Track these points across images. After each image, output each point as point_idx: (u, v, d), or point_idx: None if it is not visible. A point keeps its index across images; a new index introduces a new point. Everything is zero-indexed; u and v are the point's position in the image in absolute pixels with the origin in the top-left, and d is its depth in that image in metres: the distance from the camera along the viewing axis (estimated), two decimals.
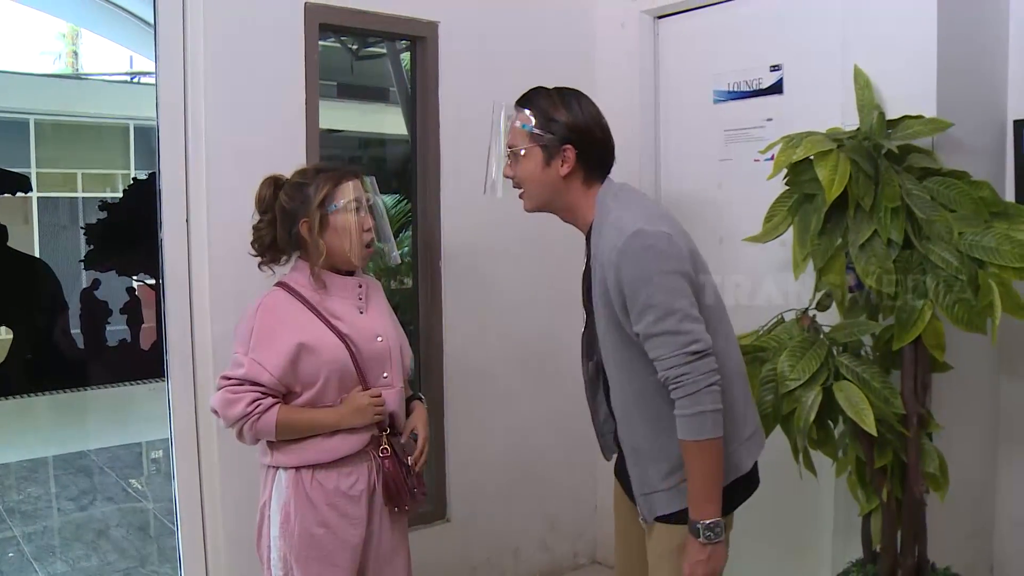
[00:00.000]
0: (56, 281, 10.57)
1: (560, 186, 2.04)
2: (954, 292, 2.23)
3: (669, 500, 1.99)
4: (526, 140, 2.03)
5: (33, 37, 22.02)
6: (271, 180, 2.29)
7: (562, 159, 2.01)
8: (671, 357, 1.85)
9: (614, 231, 1.92)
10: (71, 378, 9.57)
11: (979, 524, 2.97)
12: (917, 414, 2.34)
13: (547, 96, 2.06)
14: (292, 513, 2.17)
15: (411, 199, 3.47)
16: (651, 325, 1.86)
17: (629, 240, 1.88)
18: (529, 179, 2.05)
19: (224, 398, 2.14)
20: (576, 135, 2.01)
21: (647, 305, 1.86)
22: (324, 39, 3.05)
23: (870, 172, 2.30)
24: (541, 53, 3.46)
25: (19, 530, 4.89)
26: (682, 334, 1.85)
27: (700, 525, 1.88)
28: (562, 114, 2.01)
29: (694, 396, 1.84)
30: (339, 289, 2.28)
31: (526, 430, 3.55)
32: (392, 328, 2.36)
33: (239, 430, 2.16)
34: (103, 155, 15.12)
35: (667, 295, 1.86)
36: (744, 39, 3.18)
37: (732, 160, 3.24)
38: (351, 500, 2.21)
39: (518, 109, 2.06)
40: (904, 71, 2.60)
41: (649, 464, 2.00)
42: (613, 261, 1.89)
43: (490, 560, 3.54)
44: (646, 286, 1.86)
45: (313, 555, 2.17)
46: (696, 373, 1.84)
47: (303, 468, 2.19)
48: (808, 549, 3.04)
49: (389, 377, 2.29)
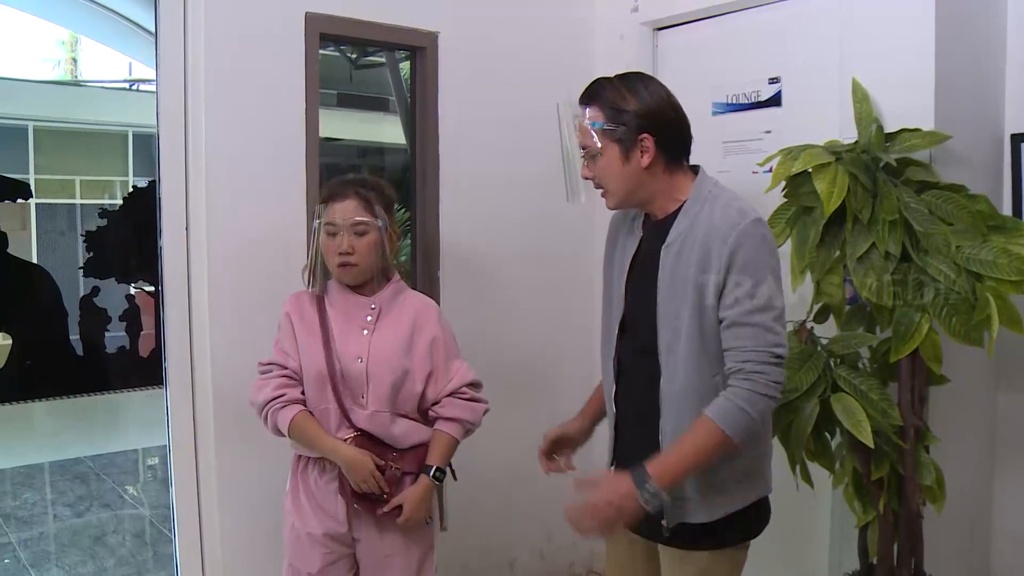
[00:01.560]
0: (56, 288, 10.59)
1: (644, 177, 1.94)
2: (951, 305, 2.24)
3: (699, 510, 1.91)
4: (599, 138, 1.93)
5: (33, 44, 22.06)
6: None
7: (641, 150, 1.91)
8: (754, 351, 1.79)
9: (733, 211, 1.85)
10: (70, 384, 9.57)
11: (976, 536, 2.97)
12: (914, 426, 2.34)
13: (611, 87, 1.96)
14: (289, 497, 2.36)
15: (410, 208, 3.47)
16: (746, 314, 1.80)
17: (753, 225, 1.83)
18: (610, 176, 1.95)
19: (256, 385, 2.28)
20: (650, 122, 1.92)
21: (751, 293, 1.80)
22: (324, 48, 3.06)
23: (868, 185, 2.31)
24: (540, 64, 3.47)
25: (15, 536, 4.87)
26: (773, 333, 1.81)
27: (652, 486, 1.76)
28: (631, 103, 1.92)
29: (753, 397, 1.78)
30: (342, 303, 2.33)
31: (525, 440, 3.53)
32: (391, 351, 2.29)
33: (264, 416, 2.26)
34: (101, 162, 15.15)
35: (772, 291, 1.82)
36: (743, 52, 3.19)
37: (730, 172, 3.24)
38: (329, 495, 2.30)
39: (584, 106, 1.97)
40: (902, 84, 2.61)
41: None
42: (729, 238, 1.81)
43: (487, 571, 3.53)
44: (756, 273, 1.81)
45: (289, 536, 2.34)
46: (770, 377, 1.79)
47: (300, 456, 2.34)
48: (805, 561, 3.04)
49: (364, 399, 2.28)
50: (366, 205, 2.28)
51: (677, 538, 1.95)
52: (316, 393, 2.27)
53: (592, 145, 1.94)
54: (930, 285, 2.26)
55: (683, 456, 1.81)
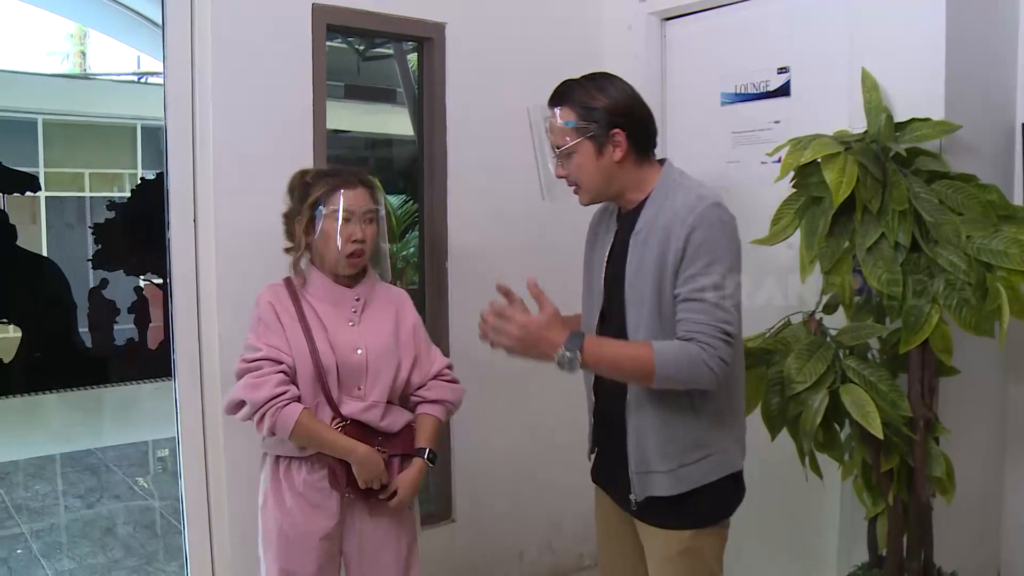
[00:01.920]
0: (65, 280, 10.63)
1: (616, 171, 2.03)
2: (962, 296, 2.23)
3: (664, 483, 2.00)
4: (572, 136, 2.01)
5: (41, 37, 22.12)
6: (299, 173, 2.35)
7: (613, 144, 2.00)
8: (704, 324, 1.85)
9: (692, 196, 1.95)
10: (79, 377, 9.61)
11: (986, 528, 2.97)
12: (924, 418, 2.33)
13: (580, 87, 2.04)
14: (270, 501, 2.27)
15: (418, 200, 3.47)
16: (697, 291, 1.87)
17: (710, 208, 1.92)
18: (585, 173, 2.03)
19: (248, 384, 2.16)
20: (620, 117, 2.00)
21: (704, 271, 1.88)
22: (331, 40, 3.06)
23: (878, 175, 2.30)
24: (548, 55, 3.45)
25: (27, 527, 4.91)
26: (722, 310, 1.87)
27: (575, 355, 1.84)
28: (601, 100, 2.00)
29: (697, 361, 1.84)
30: (328, 295, 2.31)
31: (532, 431, 3.55)
32: (385, 342, 2.33)
33: (260, 416, 2.15)
34: (110, 155, 15.18)
35: (724, 271, 1.89)
36: (752, 41, 3.18)
37: (739, 162, 3.23)
38: (320, 492, 2.27)
39: (554, 107, 2.04)
40: (912, 74, 2.60)
41: (652, 444, 2.00)
42: (687, 221, 1.90)
43: (495, 561, 3.54)
44: (709, 254, 1.88)
45: (280, 542, 2.26)
46: (717, 352, 1.85)
47: (281, 457, 2.27)
48: (814, 552, 3.04)
49: (362, 391, 2.29)
50: (373, 194, 2.31)
51: (652, 514, 2.04)
52: (307, 387, 2.23)
53: (566, 143, 2.02)
54: (940, 276, 2.25)
55: (614, 356, 1.91)
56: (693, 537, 2.02)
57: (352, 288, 2.34)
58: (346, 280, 2.34)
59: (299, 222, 2.25)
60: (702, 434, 2.00)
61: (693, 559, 2.04)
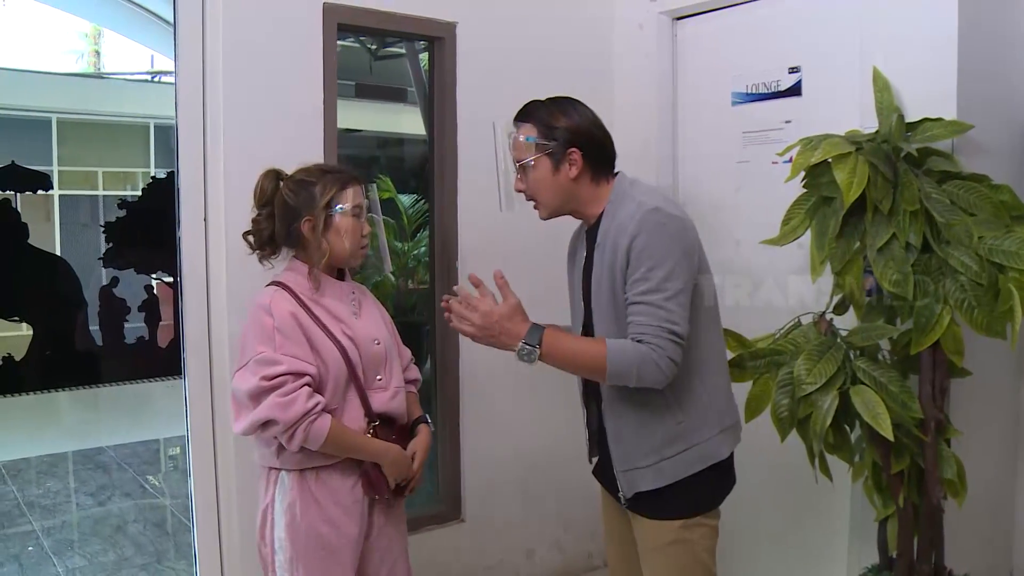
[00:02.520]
0: (76, 278, 10.66)
1: (571, 188, 2.14)
2: (973, 296, 2.22)
3: (648, 478, 2.10)
4: (532, 151, 2.12)
5: (56, 37, 22.20)
6: (272, 173, 2.29)
7: (569, 162, 2.11)
8: (650, 326, 1.94)
9: (634, 204, 2.04)
10: (90, 375, 9.65)
11: (997, 531, 2.95)
12: (935, 419, 2.32)
13: (544, 107, 2.16)
14: (299, 514, 2.18)
15: (429, 199, 3.47)
16: (642, 294, 1.96)
17: (648, 213, 2.00)
18: (541, 188, 2.15)
19: (276, 403, 2.06)
20: (578, 138, 2.11)
21: (645, 276, 1.96)
22: (342, 39, 3.06)
23: (889, 175, 2.29)
24: (559, 54, 3.45)
25: (39, 524, 4.93)
26: (665, 311, 1.94)
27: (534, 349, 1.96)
28: (562, 121, 2.12)
29: (647, 360, 1.92)
30: (336, 292, 2.30)
31: (541, 431, 3.54)
32: (386, 331, 2.39)
33: (291, 433, 2.08)
34: (123, 153, 15.22)
35: (667, 273, 1.96)
36: (763, 41, 3.17)
37: (750, 162, 3.23)
38: (354, 497, 2.25)
39: (518, 124, 2.16)
40: (924, 73, 2.59)
41: (631, 444, 2.11)
42: (628, 229, 1.99)
43: (504, 560, 3.54)
44: (650, 258, 1.97)
45: (320, 553, 2.19)
46: (666, 352, 1.93)
47: (307, 470, 2.20)
48: (824, 554, 3.03)
49: (383, 380, 2.31)
50: (364, 191, 2.34)
51: (642, 508, 2.14)
52: (339, 387, 2.20)
53: (526, 158, 2.13)
54: (952, 276, 2.24)
55: (570, 351, 2.00)
56: (682, 528, 2.10)
57: (344, 282, 2.35)
58: (338, 275, 2.34)
59: (308, 223, 2.21)
60: (681, 428, 2.08)
61: (683, 550, 2.11)
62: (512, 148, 2.17)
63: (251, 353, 2.13)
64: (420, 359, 3.70)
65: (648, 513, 2.13)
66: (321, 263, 2.24)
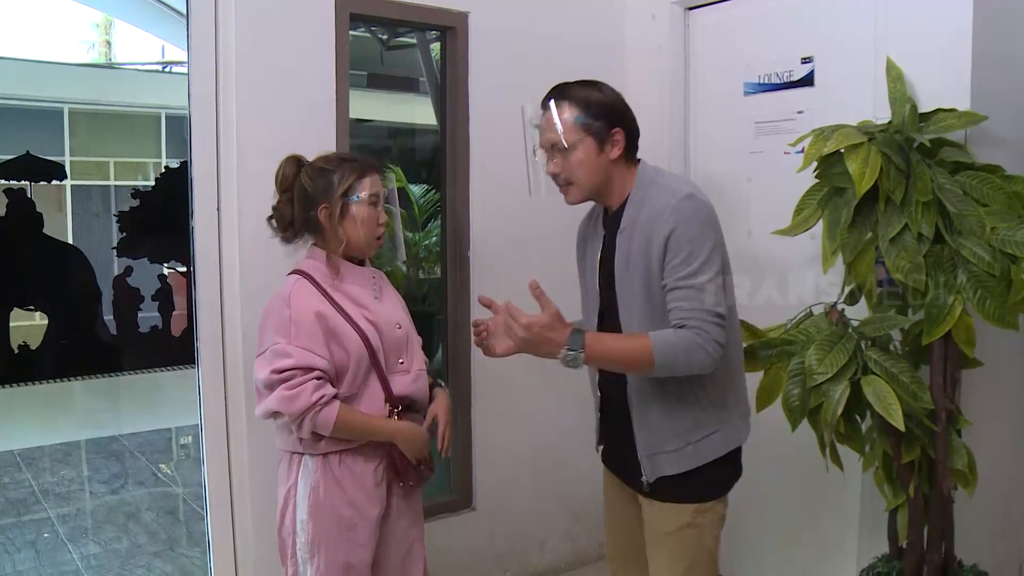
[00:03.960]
0: (90, 268, 10.70)
1: (611, 170, 2.11)
2: (985, 287, 2.21)
3: (674, 462, 2.10)
4: (577, 131, 2.07)
5: (68, 27, 22.26)
6: (294, 160, 2.32)
7: (612, 143, 2.08)
8: (694, 311, 1.94)
9: (667, 192, 2.03)
10: (104, 363, 9.70)
11: (1008, 521, 2.95)
12: (946, 410, 2.32)
13: (579, 87, 2.11)
14: (322, 496, 2.22)
15: (440, 189, 3.47)
16: (682, 279, 1.96)
17: (684, 200, 1.99)
18: (583, 169, 2.10)
19: (283, 397, 2.11)
20: (619, 117, 2.09)
21: (686, 261, 1.96)
22: (354, 29, 3.06)
23: (901, 166, 2.28)
24: (571, 44, 3.45)
25: (54, 512, 4.97)
26: (708, 294, 1.95)
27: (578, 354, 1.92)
28: (602, 99, 2.09)
29: (693, 346, 1.92)
30: (356, 277, 2.33)
31: (553, 421, 3.55)
32: (405, 316, 2.41)
33: (300, 423, 2.14)
34: (135, 144, 15.28)
35: (706, 256, 1.97)
36: (775, 31, 3.16)
37: (762, 153, 3.22)
38: (375, 480, 2.28)
39: (557, 104, 2.09)
40: (937, 64, 2.58)
41: (658, 428, 2.11)
42: (664, 217, 1.98)
43: (515, 550, 3.55)
44: (689, 243, 1.97)
45: (342, 535, 2.23)
46: (711, 335, 1.93)
47: (331, 453, 2.24)
48: (834, 543, 3.03)
49: (405, 363, 2.35)
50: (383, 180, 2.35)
51: (661, 490, 2.14)
52: (361, 373, 2.24)
53: (569, 139, 2.07)
54: (964, 267, 2.24)
55: (615, 350, 1.98)
56: (696, 513, 2.12)
57: (364, 267, 2.37)
58: (357, 262, 2.36)
59: (325, 210, 2.24)
60: (706, 415, 2.10)
61: (694, 535, 2.13)
62: (548, 129, 2.10)
63: (268, 342, 2.19)
64: (431, 349, 3.73)
65: (666, 497, 2.13)
66: (339, 250, 2.27)
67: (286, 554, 2.30)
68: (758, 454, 3.12)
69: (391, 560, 2.37)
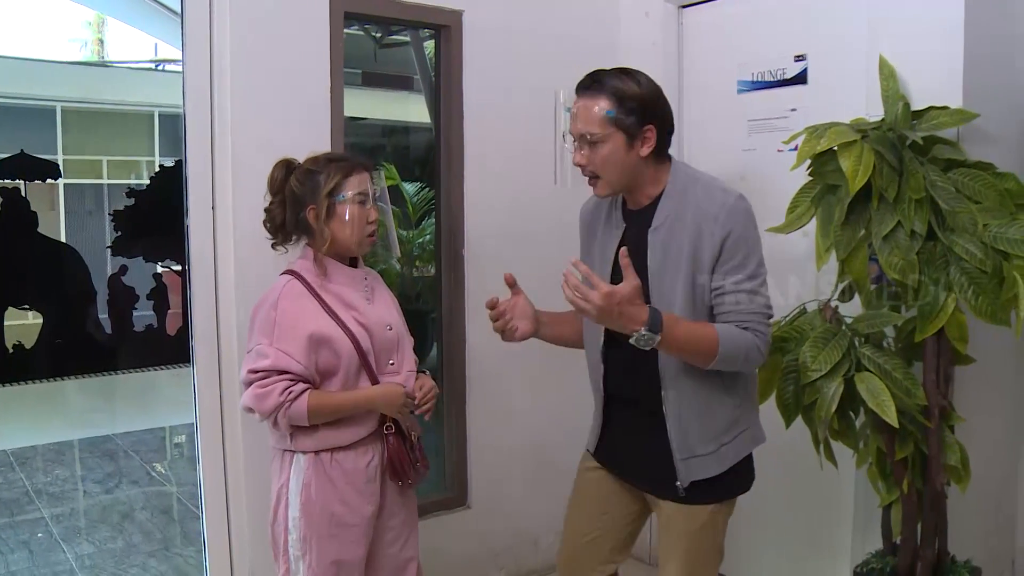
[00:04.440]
0: (84, 267, 10.67)
1: (640, 166, 2.04)
2: (978, 284, 2.23)
3: (708, 465, 2.07)
4: (605, 126, 1.99)
5: (60, 25, 22.19)
6: (283, 163, 2.33)
7: (643, 140, 2.01)
8: (752, 314, 1.96)
9: (718, 191, 2.01)
10: (99, 363, 9.68)
11: (1001, 517, 2.96)
12: (939, 406, 2.33)
13: (617, 77, 2.02)
14: (314, 494, 2.23)
15: (434, 187, 3.47)
16: (741, 282, 1.96)
17: (738, 202, 1.99)
18: (611, 165, 2.02)
19: (255, 395, 2.16)
20: (653, 113, 2.01)
21: (742, 263, 1.96)
22: (347, 27, 3.06)
23: (894, 163, 2.29)
24: (565, 42, 3.45)
25: (47, 511, 4.96)
26: (763, 296, 1.99)
27: (654, 335, 1.86)
28: (638, 93, 2.00)
29: (752, 346, 1.95)
30: (347, 279, 2.33)
31: (548, 419, 3.56)
32: (397, 316, 2.41)
33: (273, 420, 2.19)
34: (128, 142, 15.23)
35: (758, 259, 2.00)
36: (768, 29, 3.17)
37: (755, 150, 3.23)
38: (367, 477, 2.29)
39: (591, 94, 2.01)
40: (930, 62, 2.59)
41: (694, 431, 2.06)
42: (721, 219, 1.96)
43: (510, 547, 3.56)
44: (745, 245, 1.97)
45: (334, 532, 2.24)
46: (766, 337, 1.99)
47: (322, 451, 2.24)
48: (827, 540, 3.04)
49: (396, 364, 2.35)
50: (372, 174, 2.34)
51: (694, 493, 2.09)
52: (351, 374, 2.25)
53: (597, 132, 1.99)
54: (956, 264, 2.25)
55: (687, 336, 1.93)
56: (713, 512, 2.11)
57: (356, 268, 2.37)
58: (349, 262, 2.36)
59: (312, 211, 2.24)
60: (735, 412, 2.09)
61: (709, 533, 2.13)
62: (579, 120, 2.02)
63: (253, 342, 2.23)
64: (426, 347, 3.73)
65: (693, 500, 2.09)
66: (323, 249, 2.27)
67: (279, 551, 2.31)
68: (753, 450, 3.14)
69: (385, 558, 2.37)
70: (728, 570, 3.39)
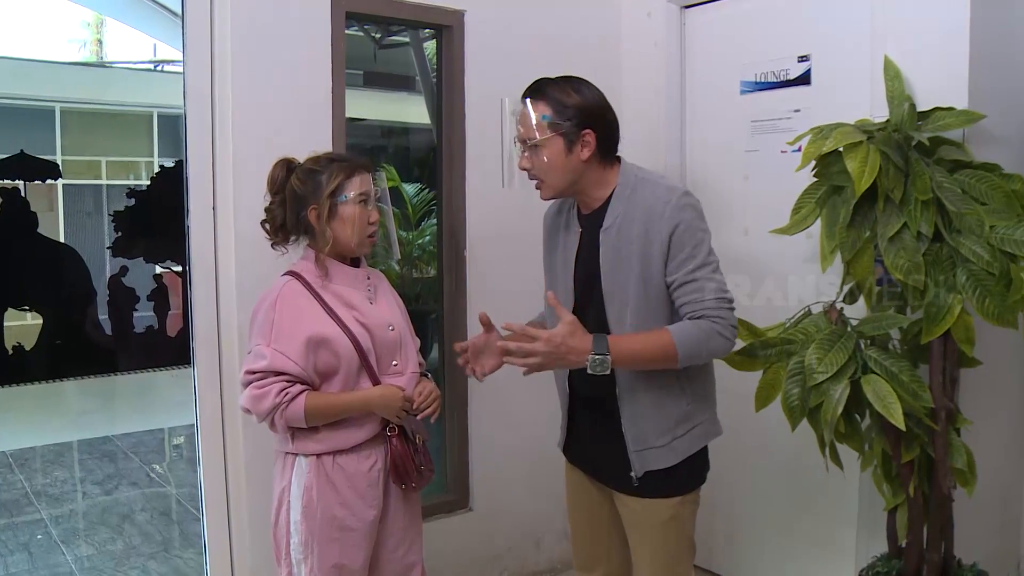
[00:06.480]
0: (84, 268, 10.66)
1: (581, 169, 2.11)
2: (984, 286, 2.21)
3: (662, 457, 2.13)
4: (544, 131, 2.08)
5: (59, 25, 22.18)
6: (283, 162, 2.32)
7: (582, 144, 2.08)
8: (707, 301, 2.00)
9: (663, 189, 2.07)
10: (99, 364, 9.67)
11: (1007, 520, 2.95)
12: (945, 409, 2.32)
13: (556, 85, 2.11)
14: (315, 497, 2.22)
15: (435, 188, 3.46)
16: (691, 272, 2.01)
17: (683, 197, 2.05)
18: (551, 168, 2.10)
19: (252, 396, 2.16)
20: (592, 119, 2.09)
21: (691, 255, 2.02)
22: (348, 28, 3.05)
23: (900, 164, 2.28)
24: (567, 42, 3.44)
25: (47, 513, 4.95)
26: (715, 281, 2.03)
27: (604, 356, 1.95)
28: (576, 100, 2.08)
29: (712, 333, 1.99)
30: (349, 279, 2.31)
31: (550, 421, 3.53)
32: (401, 317, 2.40)
33: (271, 422, 2.18)
34: (127, 143, 15.22)
35: (708, 248, 2.05)
36: (772, 29, 3.16)
37: (759, 151, 3.22)
38: (369, 481, 2.27)
39: (531, 101, 2.11)
40: (935, 62, 2.57)
41: (648, 424, 2.13)
42: (665, 213, 2.02)
43: (512, 549, 3.55)
44: (693, 237, 2.02)
45: (335, 536, 2.23)
46: (728, 321, 2.02)
47: (324, 454, 2.23)
48: (833, 542, 3.03)
49: (399, 365, 2.33)
50: (373, 175, 2.34)
51: (648, 485, 2.16)
52: (351, 374, 2.24)
53: (535, 138, 2.09)
54: (963, 266, 2.24)
55: (640, 349, 2.00)
56: (678, 505, 2.17)
57: (358, 268, 2.36)
58: (351, 262, 2.35)
59: (314, 211, 2.22)
60: (689, 408, 2.15)
61: (677, 525, 2.19)
62: (520, 125, 2.12)
63: (252, 343, 2.23)
64: (426, 348, 3.71)
65: (653, 493, 2.16)
66: (325, 250, 2.26)
67: (280, 554, 2.29)
68: (757, 453, 3.13)
69: (389, 562, 2.36)
70: (733, 572, 3.39)
